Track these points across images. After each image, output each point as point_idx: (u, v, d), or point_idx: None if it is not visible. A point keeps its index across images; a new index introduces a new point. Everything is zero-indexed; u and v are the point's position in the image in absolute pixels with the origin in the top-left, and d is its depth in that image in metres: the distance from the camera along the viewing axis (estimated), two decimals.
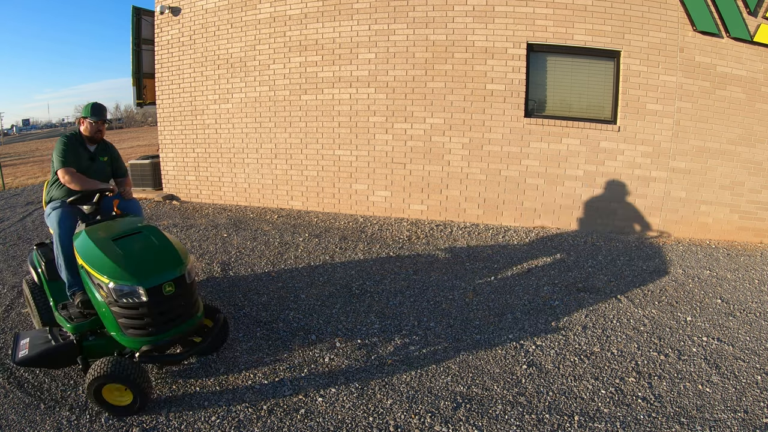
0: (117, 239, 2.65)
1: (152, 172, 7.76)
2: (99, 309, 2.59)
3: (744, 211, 5.70)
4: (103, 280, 2.45)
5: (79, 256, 2.63)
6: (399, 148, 6.13)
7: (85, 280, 2.64)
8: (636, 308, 3.78)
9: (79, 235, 2.76)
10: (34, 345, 2.71)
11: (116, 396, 2.50)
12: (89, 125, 3.29)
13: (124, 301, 2.44)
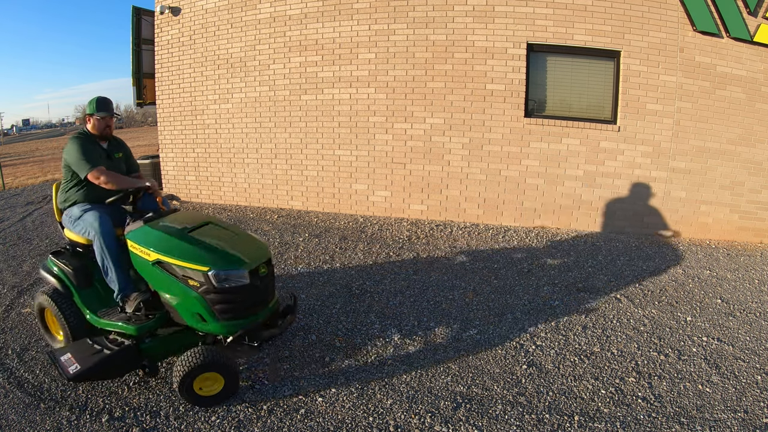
0: (191, 231, 2.70)
1: (152, 172, 7.75)
2: (182, 301, 2.56)
3: (744, 211, 5.70)
4: (199, 269, 2.48)
5: (157, 252, 2.56)
6: (399, 148, 6.13)
7: (155, 276, 2.61)
8: (636, 308, 3.78)
9: (140, 232, 2.66)
10: (84, 358, 2.58)
11: (207, 386, 2.57)
12: (97, 122, 3.08)
13: (225, 286, 2.48)
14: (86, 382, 2.72)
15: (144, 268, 2.68)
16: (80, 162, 2.89)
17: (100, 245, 2.78)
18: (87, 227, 2.86)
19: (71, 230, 2.99)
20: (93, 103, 3.11)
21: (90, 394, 2.68)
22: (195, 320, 2.59)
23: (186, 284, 2.53)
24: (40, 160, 20.51)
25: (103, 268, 2.81)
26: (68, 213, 3.03)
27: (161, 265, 2.58)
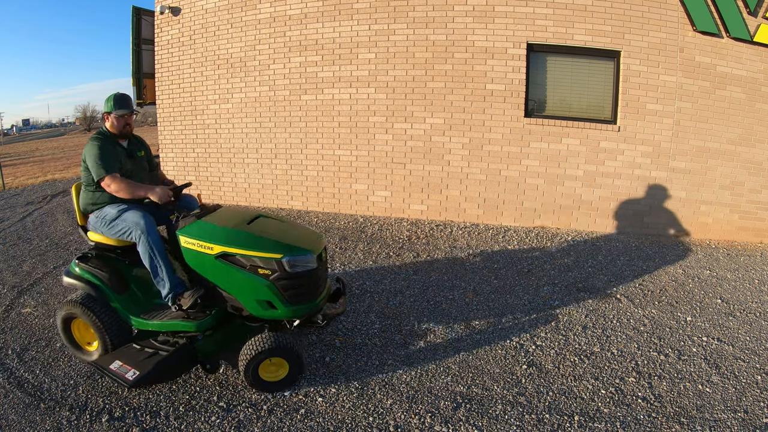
0: (249, 224, 2.78)
1: None
2: (250, 291, 2.61)
3: (744, 211, 5.70)
4: (273, 256, 2.56)
5: (222, 245, 2.58)
6: (399, 148, 6.13)
7: (218, 269, 2.62)
8: (636, 308, 3.78)
9: (198, 228, 2.67)
10: (139, 362, 2.56)
11: (272, 372, 2.66)
12: (116, 120, 2.93)
13: (297, 271, 2.59)
14: (147, 387, 2.68)
15: (203, 262, 2.65)
16: (95, 166, 2.79)
17: (147, 245, 2.69)
18: (129, 227, 2.75)
19: (103, 233, 2.87)
20: (110, 100, 2.96)
21: (90, 394, 2.68)
22: (262, 308, 2.63)
23: (255, 273, 2.59)
24: (40, 160, 20.51)
25: (152, 268, 2.72)
26: (98, 215, 2.88)
27: (226, 258, 2.61)
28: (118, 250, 2.96)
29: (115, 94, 2.98)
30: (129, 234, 2.77)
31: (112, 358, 2.65)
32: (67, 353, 3.11)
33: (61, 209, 7.27)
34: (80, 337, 2.98)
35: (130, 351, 2.68)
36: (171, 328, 2.68)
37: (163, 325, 2.69)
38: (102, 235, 2.91)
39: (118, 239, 2.88)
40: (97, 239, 2.94)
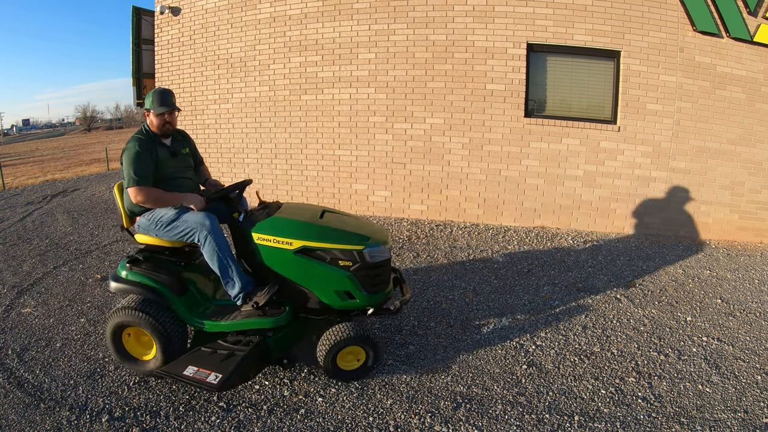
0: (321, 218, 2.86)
1: None
2: (329, 283, 2.67)
3: (744, 211, 5.70)
4: (355, 248, 2.66)
5: (303, 240, 2.62)
6: (399, 148, 6.13)
7: (296, 264, 2.65)
8: (636, 308, 3.78)
9: (274, 224, 2.68)
10: (217, 365, 2.53)
11: (349, 360, 2.74)
12: (156, 119, 2.78)
13: (375, 262, 2.70)
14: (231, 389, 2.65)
15: (280, 258, 2.66)
16: (127, 171, 2.67)
17: (213, 245, 2.63)
18: (192, 228, 2.65)
19: (158, 235, 2.76)
20: (150, 96, 2.79)
21: (90, 394, 2.68)
22: (341, 299, 2.70)
23: (336, 266, 2.66)
24: (40, 160, 20.51)
25: (221, 269, 2.66)
26: (151, 217, 2.75)
27: (306, 252, 2.64)
28: (166, 252, 2.87)
29: (156, 91, 2.80)
30: (191, 235, 2.67)
31: (184, 364, 2.56)
32: (67, 353, 3.11)
33: (61, 209, 7.27)
34: (133, 347, 2.80)
35: (200, 355, 2.61)
36: (249, 326, 2.66)
37: (240, 324, 2.65)
38: (155, 238, 2.79)
39: (175, 241, 2.78)
40: (147, 241, 2.84)
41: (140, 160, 2.66)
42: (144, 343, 2.79)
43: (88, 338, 3.30)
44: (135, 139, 2.73)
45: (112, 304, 3.82)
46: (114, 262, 4.81)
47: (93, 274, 4.49)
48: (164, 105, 2.76)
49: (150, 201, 2.69)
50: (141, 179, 2.66)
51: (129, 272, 2.72)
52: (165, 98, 2.78)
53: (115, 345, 2.75)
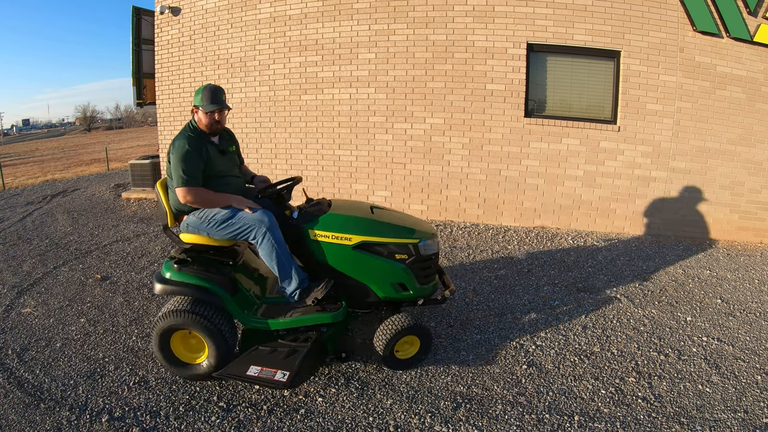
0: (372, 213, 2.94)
1: (152, 172, 7.76)
2: (385, 276, 2.75)
3: (744, 211, 5.70)
4: (411, 242, 2.77)
5: (362, 235, 2.70)
6: (399, 148, 6.13)
7: (354, 259, 2.71)
8: (636, 308, 3.78)
9: (332, 220, 2.73)
10: (281, 362, 2.51)
11: (404, 350, 2.85)
12: (205, 116, 2.69)
13: (428, 254, 2.81)
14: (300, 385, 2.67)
15: (338, 253, 2.71)
16: (177, 171, 2.60)
17: (273, 242, 2.61)
18: (250, 226, 2.61)
19: (210, 234, 2.72)
20: (200, 93, 2.69)
21: (90, 394, 2.68)
22: (395, 291, 2.80)
23: (392, 259, 2.75)
24: (40, 160, 20.52)
25: (279, 266, 2.64)
26: (202, 215, 2.70)
27: (364, 247, 2.71)
28: (210, 251, 2.83)
29: (205, 87, 2.70)
30: (248, 233, 2.64)
31: (246, 365, 2.53)
32: (67, 353, 3.11)
33: (61, 209, 7.27)
34: (183, 351, 2.73)
35: (260, 354, 2.58)
36: (309, 322, 2.66)
37: (301, 320, 2.66)
38: (204, 237, 2.75)
39: (227, 240, 2.75)
40: (194, 240, 2.79)
41: (190, 159, 2.59)
42: (191, 347, 2.74)
43: (88, 338, 3.31)
44: (184, 137, 2.64)
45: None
46: (114, 262, 4.82)
47: (93, 274, 4.49)
48: (215, 103, 2.67)
49: (199, 202, 2.65)
50: (190, 179, 2.60)
51: (177, 273, 2.63)
52: (216, 96, 2.69)
53: (162, 351, 2.67)
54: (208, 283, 2.61)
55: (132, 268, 4.65)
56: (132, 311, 3.71)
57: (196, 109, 2.71)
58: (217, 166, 2.74)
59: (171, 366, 2.72)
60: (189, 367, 2.71)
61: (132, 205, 7.24)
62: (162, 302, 3.83)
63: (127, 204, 7.40)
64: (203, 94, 2.67)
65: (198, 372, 2.68)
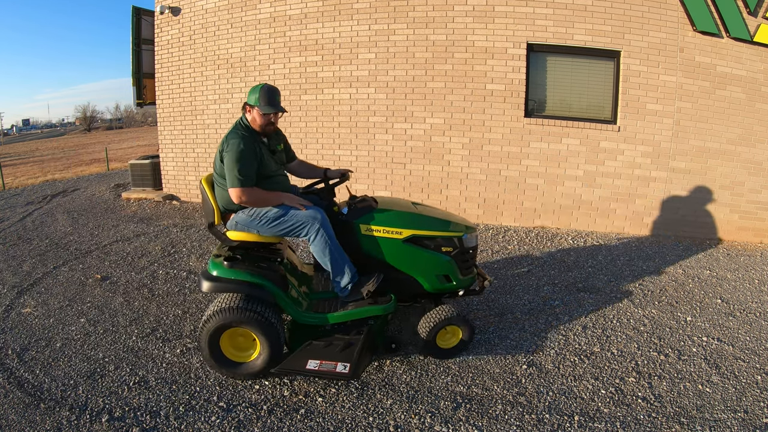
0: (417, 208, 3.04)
1: (152, 172, 7.76)
2: (431, 269, 2.85)
3: (744, 211, 5.70)
4: (456, 235, 2.90)
5: (411, 229, 2.80)
6: (399, 148, 6.13)
7: (404, 252, 2.80)
8: (636, 308, 3.78)
9: (383, 215, 2.82)
10: (341, 354, 2.57)
11: (446, 339, 2.94)
12: (260, 117, 2.68)
13: (470, 246, 2.96)
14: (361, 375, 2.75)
15: (389, 247, 2.81)
16: (232, 170, 2.58)
17: (326, 238, 2.65)
18: (303, 223, 2.64)
19: (259, 231, 2.73)
20: (257, 92, 2.67)
21: (90, 394, 2.68)
22: (440, 282, 2.91)
23: (439, 252, 2.86)
24: (40, 160, 20.52)
25: (332, 261, 2.69)
26: (252, 213, 2.71)
27: (414, 241, 2.82)
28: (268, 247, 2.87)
29: (263, 88, 2.67)
30: (301, 230, 2.67)
31: (303, 359, 2.57)
32: (67, 353, 3.11)
33: (61, 209, 7.27)
34: (231, 350, 2.71)
35: (315, 348, 2.60)
36: (362, 315, 2.73)
37: (355, 313, 2.73)
38: (252, 234, 2.76)
39: (276, 237, 2.79)
40: (242, 237, 2.79)
41: (245, 159, 2.59)
42: (239, 345, 2.73)
43: (88, 338, 3.31)
44: (238, 136, 2.63)
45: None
46: (114, 262, 4.82)
47: (93, 274, 4.49)
48: (272, 105, 2.67)
49: (253, 202, 2.66)
50: (246, 179, 2.60)
51: (228, 270, 2.63)
52: (273, 98, 2.68)
53: (212, 350, 2.64)
54: (261, 280, 2.62)
55: (132, 268, 4.65)
56: (132, 311, 3.71)
57: (250, 108, 2.70)
58: (268, 166, 2.75)
59: (220, 366, 2.69)
60: (240, 365, 2.70)
61: (132, 205, 7.25)
62: (158, 304, 3.84)
63: (127, 204, 7.40)
64: (260, 95, 2.65)
65: (249, 370, 2.68)
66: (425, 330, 2.83)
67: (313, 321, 2.73)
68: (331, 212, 2.87)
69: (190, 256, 4.93)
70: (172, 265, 4.70)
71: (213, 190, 2.84)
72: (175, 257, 4.92)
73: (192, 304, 3.82)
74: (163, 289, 4.11)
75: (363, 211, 2.84)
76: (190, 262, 4.78)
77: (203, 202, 2.94)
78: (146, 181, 7.84)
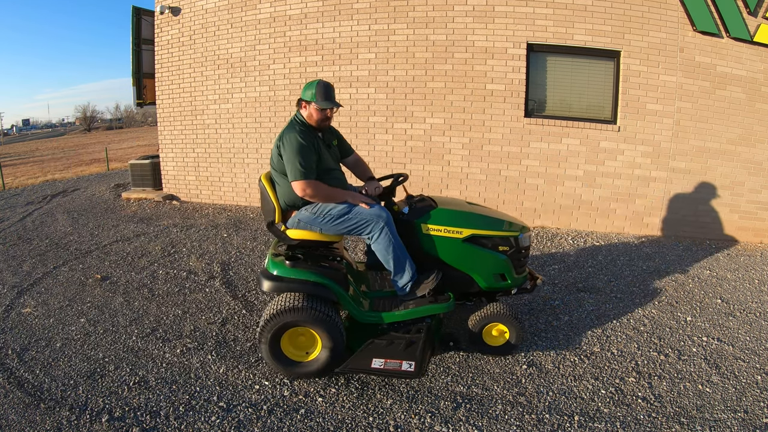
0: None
1: (152, 172, 7.76)
2: (489, 267, 2.89)
3: (744, 211, 5.70)
4: (513, 234, 2.94)
5: (472, 229, 2.84)
6: (399, 148, 6.13)
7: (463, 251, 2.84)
8: (636, 308, 3.78)
9: (444, 215, 2.85)
10: (404, 353, 2.59)
11: (494, 337, 2.97)
12: (316, 113, 2.70)
13: (525, 245, 2.99)
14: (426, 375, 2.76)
15: (449, 246, 2.84)
16: (294, 163, 2.57)
17: (390, 236, 2.66)
18: (367, 221, 2.65)
19: (322, 229, 2.74)
20: (313, 87, 2.67)
21: (90, 394, 2.68)
22: (495, 281, 2.95)
23: (496, 251, 2.89)
24: (40, 160, 20.52)
25: (395, 260, 2.69)
26: (316, 210, 2.71)
27: (473, 240, 2.86)
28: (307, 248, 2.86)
29: (320, 83, 2.69)
30: (365, 228, 2.67)
31: (367, 358, 2.59)
32: (67, 353, 3.11)
33: (61, 209, 7.27)
34: (292, 348, 2.73)
35: (377, 347, 2.62)
36: (423, 313, 2.77)
37: (415, 312, 2.76)
38: (314, 232, 2.77)
39: (338, 235, 2.81)
40: (302, 236, 2.80)
41: (305, 151, 2.60)
42: (299, 345, 2.74)
43: (88, 338, 3.31)
44: (296, 131, 2.65)
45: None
46: (114, 262, 4.82)
47: (93, 274, 4.49)
48: (329, 100, 2.69)
49: (319, 195, 2.65)
50: (308, 172, 2.60)
51: (290, 270, 2.65)
52: (329, 93, 2.71)
53: (273, 350, 2.66)
54: (324, 279, 2.65)
55: (132, 268, 4.65)
56: (132, 311, 3.71)
57: (306, 103, 2.72)
58: (326, 161, 2.76)
59: (281, 366, 2.71)
60: (299, 365, 2.72)
61: (132, 205, 7.25)
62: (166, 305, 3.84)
63: (127, 204, 7.40)
64: (317, 90, 2.67)
65: (309, 369, 2.70)
66: (476, 322, 2.91)
67: (373, 320, 2.75)
68: (391, 211, 2.89)
69: (190, 256, 4.93)
70: (172, 265, 4.70)
71: (273, 188, 2.85)
72: (175, 257, 4.92)
73: (192, 304, 3.82)
74: (163, 289, 4.11)
75: (423, 210, 2.87)
76: (190, 262, 4.78)
77: (263, 201, 2.92)
78: (146, 181, 7.85)
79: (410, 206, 2.90)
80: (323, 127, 2.81)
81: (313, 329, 2.63)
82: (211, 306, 3.78)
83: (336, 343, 2.63)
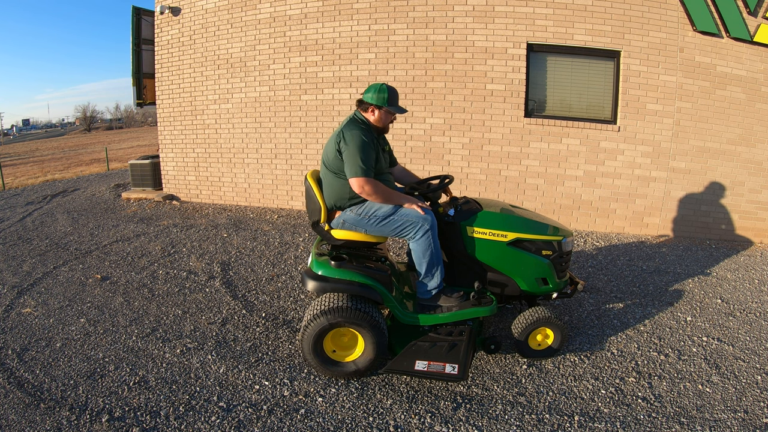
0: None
1: (152, 172, 7.76)
2: (531, 271, 2.88)
3: (744, 211, 5.70)
4: (556, 239, 2.93)
5: (517, 232, 2.83)
6: (399, 148, 6.13)
7: (507, 255, 2.84)
8: (636, 308, 3.78)
9: (490, 217, 2.85)
10: (448, 355, 2.59)
11: (539, 341, 2.96)
12: (384, 116, 2.74)
13: (567, 250, 2.98)
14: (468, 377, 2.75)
15: (493, 249, 2.84)
16: (355, 160, 2.57)
17: (431, 240, 2.66)
18: (412, 223, 2.66)
19: (367, 230, 2.75)
20: (384, 92, 2.69)
21: (90, 394, 2.68)
22: (538, 285, 2.94)
23: (539, 255, 2.88)
24: (40, 160, 20.52)
25: (430, 263, 2.70)
26: (362, 211, 2.72)
27: (517, 244, 2.86)
28: (350, 248, 2.88)
29: (390, 88, 2.71)
30: (409, 230, 2.68)
31: (411, 360, 2.59)
32: (67, 353, 3.11)
33: (61, 209, 7.27)
34: (335, 349, 2.75)
35: (421, 349, 2.62)
36: (468, 316, 2.76)
37: (459, 314, 2.76)
38: (358, 233, 2.78)
39: (383, 236, 2.82)
40: (347, 237, 2.80)
41: (368, 150, 2.61)
42: (342, 345, 2.76)
43: (88, 338, 3.31)
44: (359, 129, 2.66)
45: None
46: (114, 262, 4.82)
47: (93, 274, 4.49)
48: (395, 106, 2.74)
49: (377, 194, 2.64)
50: (369, 169, 2.61)
51: (335, 270, 2.65)
52: (397, 100, 2.77)
53: (315, 349, 2.66)
54: (370, 280, 2.64)
55: (132, 268, 4.65)
56: (132, 311, 3.71)
57: (374, 108, 2.72)
58: (382, 164, 2.79)
59: (324, 366, 2.72)
60: (340, 365, 2.73)
61: (132, 205, 7.25)
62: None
63: (127, 204, 7.40)
64: (389, 95, 2.70)
65: (350, 369, 2.72)
66: (521, 325, 2.88)
67: (416, 321, 2.75)
68: (436, 213, 2.89)
69: (190, 256, 4.93)
70: (172, 265, 4.70)
71: (320, 187, 2.85)
72: (175, 257, 4.92)
73: (192, 304, 3.82)
74: (163, 289, 4.11)
75: (469, 213, 2.88)
76: (190, 262, 4.78)
77: (308, 200, 2.91)
78: (146, 181, 7.84)
79: (456, 208, 2.91)
80: (385, 132, 2.87)
81: (356, 330, 2.63)
82: (211, 306, 3.78)
83: (379, 345, 2.63)
